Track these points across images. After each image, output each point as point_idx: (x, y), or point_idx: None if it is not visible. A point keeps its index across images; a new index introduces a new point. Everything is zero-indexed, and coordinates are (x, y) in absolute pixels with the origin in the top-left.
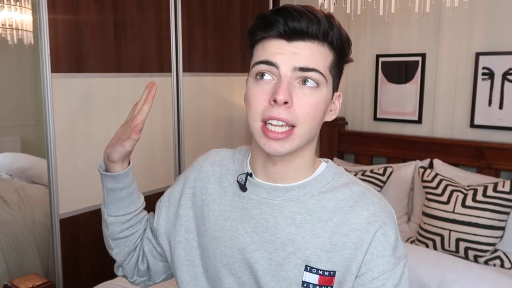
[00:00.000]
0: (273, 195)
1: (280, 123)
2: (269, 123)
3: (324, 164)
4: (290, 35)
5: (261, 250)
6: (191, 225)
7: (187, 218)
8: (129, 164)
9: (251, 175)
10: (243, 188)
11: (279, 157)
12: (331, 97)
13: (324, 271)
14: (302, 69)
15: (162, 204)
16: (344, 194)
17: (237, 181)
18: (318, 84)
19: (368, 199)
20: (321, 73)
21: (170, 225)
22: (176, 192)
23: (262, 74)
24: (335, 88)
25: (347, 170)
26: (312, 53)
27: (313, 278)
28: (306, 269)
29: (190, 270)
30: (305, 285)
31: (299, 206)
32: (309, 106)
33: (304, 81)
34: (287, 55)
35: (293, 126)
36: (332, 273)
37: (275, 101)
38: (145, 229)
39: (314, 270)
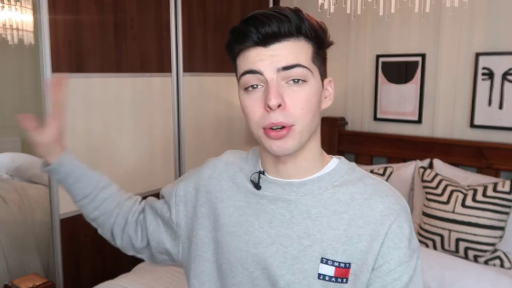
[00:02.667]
0: (287, 190)
1: (280, 127)
2: (269, 128)
3: (337, 160)
4: (265, 41)
5: (276, 244)
6: (205, 221)
7: (201, 215)
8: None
9: (263, 173)
10: (257, 186)
11: (287, 155)
12: (322, 85)
13: (340, 262)
14: (286, 68)
15: (179, 200)
16: (358, 188)
17: (251, 180)
18: (304, 78)
19: (382, 192)
20: (305, 67)
21: (190, 220)
22: (191, 188)
23: (251, 84)
24: (323, 75)
25: None
26: (290, 51)
27: (329, 270)
28: (322, 261)
29: (200, 265)
30: (321, 277)
31: (314, 200)
32: (302, 102)
33: (292, 80)
34: (268, 59)
35: (291, 126)
36: (347, 265)
37: (269, 107)
38: (143, 213)
39: (330, 262)
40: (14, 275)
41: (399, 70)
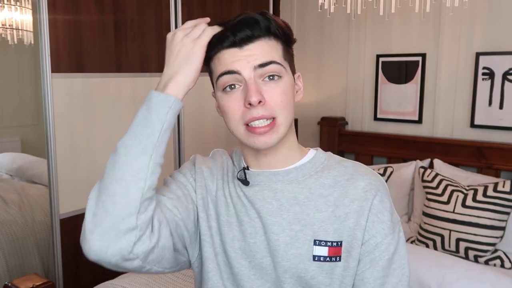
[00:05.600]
0: (273, 179)
1: (262, 120)
2: (251, 124)
3: (314, 151)
4: (240, 42)
5: (268, 233)
6: (210, 212)
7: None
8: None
9: (247, 168)
10: (245, 182)
11: (268, 148)
12: (293, 80)
13: (332, 242)
14: (262, 65)
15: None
16: (339, 171)
17: (238, 178)
18: (279, 74)
19: (362, 171)
20: (279, 63)
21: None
22: (199, 177)
23: (229, 85)
24: (293, 71)
25: None
26: (264, 49)
27: (323, 251)
28: (315, 243)
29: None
30: (316, 259)
31: (299, 186)
32: (280, 96)
33: (268, 77)
34: (244, 59)
35: (273, 118)
36: (339, 243)
37: (250, 104)
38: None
39: (323, 243)
40: (14, 275)
41: (399, 70)
